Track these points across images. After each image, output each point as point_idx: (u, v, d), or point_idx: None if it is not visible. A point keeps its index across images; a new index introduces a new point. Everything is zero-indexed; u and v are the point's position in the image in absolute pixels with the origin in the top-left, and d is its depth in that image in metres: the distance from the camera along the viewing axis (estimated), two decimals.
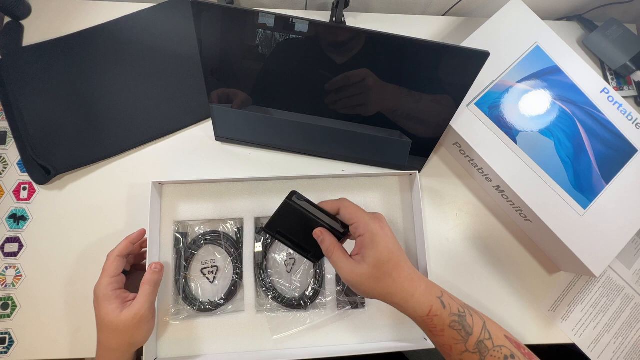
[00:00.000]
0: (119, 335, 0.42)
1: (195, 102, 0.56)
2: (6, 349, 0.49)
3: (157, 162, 0.55)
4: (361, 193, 0.56)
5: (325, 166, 0.57)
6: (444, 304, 0.38)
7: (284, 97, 0.49)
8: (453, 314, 0.38)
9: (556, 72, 0.53)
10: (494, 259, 0.56)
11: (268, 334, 0.51)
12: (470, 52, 0.42)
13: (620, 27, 0.62)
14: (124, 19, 0.58)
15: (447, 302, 0.38)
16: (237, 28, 0.42)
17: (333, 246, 0.40)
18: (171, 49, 0.58)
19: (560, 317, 0.55)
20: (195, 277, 0.52)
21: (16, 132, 0.53)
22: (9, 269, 0.51)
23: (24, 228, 0.52)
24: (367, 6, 0.63)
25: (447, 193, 0.58)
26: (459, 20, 0.63)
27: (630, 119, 0.53)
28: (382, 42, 0.42)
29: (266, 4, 0.62)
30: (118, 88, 0.56)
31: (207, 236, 0.52)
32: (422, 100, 0.47)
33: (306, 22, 0.40)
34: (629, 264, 0.57)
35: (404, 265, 0.39)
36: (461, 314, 0.38)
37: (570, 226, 0.49)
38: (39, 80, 0.55)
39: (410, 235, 0.55)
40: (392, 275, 0.38)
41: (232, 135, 0.55)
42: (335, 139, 0.53)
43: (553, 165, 0.51)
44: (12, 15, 0.56)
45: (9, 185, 0.53)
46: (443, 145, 0.59)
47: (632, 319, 0.56)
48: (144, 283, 0.44)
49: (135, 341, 0.43)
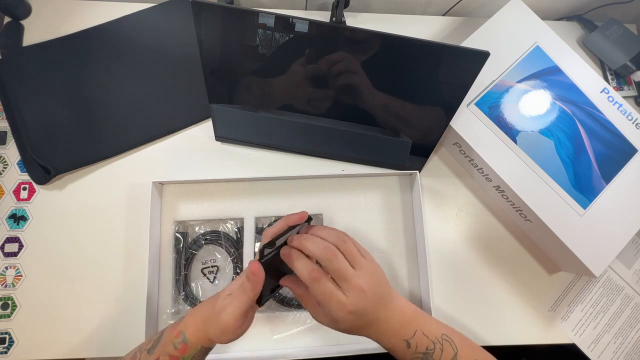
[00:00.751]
0: (203, 325, 0.38)
1: (195, 102, 0.56)
2: (6, 349, 0.49)
3: (157, 162, 0.55)
4: (361, 193, 0.56)
5: (325, 166, 0.57)
6: (410, 344, 0.38)
7: (284, 97, 0.49)
8: (417, 353, 0.38)
9: (556, 72, 0.53)
10: (494, 259, 0.56)
11: (268, 334, 0.51)
12: (470, 52, 0.42)
13: (620, 27, 0.62)
14: (124, 19, 0.58)
15: (414, 342, 0.38)
16: (237, 28, 0.42)
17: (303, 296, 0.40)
18: (171, 49, 0.58)
19: (560, 317, 0.55)
20: (196, 277, 0.52)
21: (16, 132, 0.53)
22: (9, 269, 0.51)
23: (24, 228, 0.52)
24: (367, 6, 0.63)
25: (447, 193, 0.58)
26: (459, 20, 0.63)
27: (630, 119, 0.53)
28: (382, 42, 0.42)
29: (266, 4, 0.62)
30: (118, 88, 0.56)
31: (207, 236, 0.52)
32: (422, 100, 0.47)
33: (306, 22, 0.40)
34: (629, 264, 0.57)
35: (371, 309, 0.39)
36: (428, 352, 0.38)
37: (570, 226, 0.49)
38: (39, 80, 0.55)
39: (410, 235, 0.55)
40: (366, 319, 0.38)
41: (232, 135, 0.55)
42: (335, 139, 0.53)
43: (553, 165, 0.51)
44: (12, 15, 0.56)
45: (9, 185, 0.53)
46: (443, 145, 0.59)
47: (632, 319, 0.56)
48: (235, 290, 0.37)
49: (215, 339, 0.38)
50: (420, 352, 0.38)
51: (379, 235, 0.55)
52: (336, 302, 0.36)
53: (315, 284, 0.36)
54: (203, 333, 0.37)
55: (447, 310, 0.53)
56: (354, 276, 0.36)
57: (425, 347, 0.38)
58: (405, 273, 0.54)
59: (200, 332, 0.38)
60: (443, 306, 0.53)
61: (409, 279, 0.54)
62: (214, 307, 0.37)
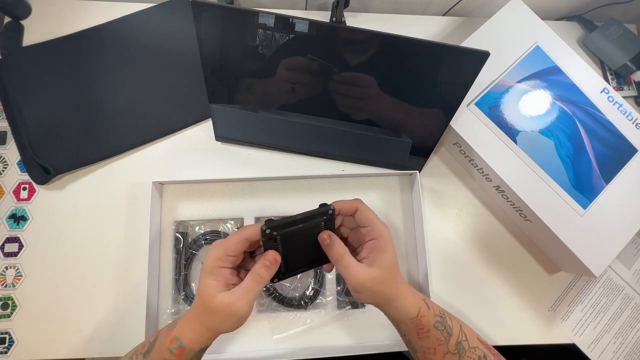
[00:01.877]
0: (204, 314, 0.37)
1: (195, 102, 0.56)
2: (6, 349, 0.49)
3: (157, 162, 0.55)
4: (361, 193, 0.56)
5: (325, 166, 0.57)
6: (428, 305, 0.40)
7: (285, 97, 0.49)
8: (436, 315, 0.39)
9: (556, 72, 0.53)
10: (493, 259, 0.56)
11: (268, 334, 0.51)
12: (470, 52, 0.42)
13: (620, 27, 0.62)
14: (124, 18, 0.58)
15: (430, 304, 0.40)
16: (237, 28, 0.42)
17: (343, 250, 0.39)
18: (171, 49, 0.58)
19: (560, 317, 0.55)
20: (196, 277, 0.52)
21: (16, 132, 0.53)
22: (9, 269, 0.51)
23: (24, 228, 0.52)
24: (367, 6, 0.63)
25: (447, 193, 0.58)
26: (459, 20, 0.63)
27: (630, 119, 0.53)
28: (381, 42, 0.42)
29: (266, 4, 0.62)
30: (118, 88, 0.56)
31: (207, 236, 0.52)
32: (422, 100, 0.47)
33: (306, 22, 0.40)
34: (629, 264, 0.57)
35: (399, 270, 0.40)
36: (442, 315, 0.40)
37: (570, 226, 0.49)
38: (39, 80, 0.55)
39: (410, 235, 0.55)
40: (396, 278, 0.39)
41: (232, 135, 0.55)
42: (335, 139, 0.53)
43: (553, 165, 0.51)
44: (12, 15, 0.56)
45: (9, 185, 0.53)
46: (443, 145, 0.59)
47: (632, 319, 0.56)
48: (251, 275, 0.37)
49: (218, 328, 0.37)
50: (437, 314, 0.40)
51: None
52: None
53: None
54: (203, 334, 0.37)
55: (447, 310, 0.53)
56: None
57: (438, 310, 0.40)
58: (405, 273, 0.54)
59: (198, 334, 0.37)
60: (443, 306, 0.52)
61: (409, 278, 0.54)
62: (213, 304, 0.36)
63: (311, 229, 0.39)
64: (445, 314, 0.40)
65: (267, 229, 0.36)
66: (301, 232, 0.38)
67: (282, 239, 0.37)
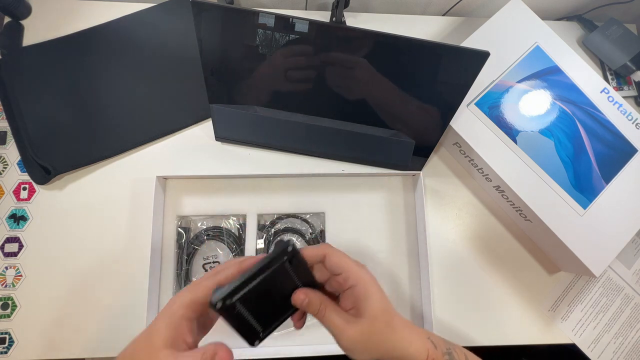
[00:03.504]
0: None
1: (195, 102, 0.56)
2: (6, 349, 0.49)
3: (157, 162, 0.55)
4: (363, 192, 0.57)
5: (326, 166, 0.57)
6: (435, 344, 0.35)
7: (285, 97, 0.49)
8: (445, 354, 0.35)
9: (556, 72, 0.53)
10: (494, 259, 0.56)
11: None
12: (470, 52, 0.42)
13: (620, 27, 0.62)
14: (124, 19, 0.58)
15: (435, 342, 0.36)
16: (237, 28, 0.42)
17: (325, 303, 0.34)
18: (171, 49, 0.58)
19: (560, 317, 0.55)
20: (197, 273, 0.52)
21: (16, 132, 0.53)
22: (9, 269, 0.51)
23: (24, 228, 0.52)
24: (367, 6, 0.63)
25: (447, 193, 0.58)
26: (459, 20, 0.63)
27: (630, 119, 0.53)
28: (381, 41, 0.42)
29: (266, 4, 0.62)
30: (118, 88, 0.56)
31: (209, 232, 0.53)
32: (422, 100, 0.47)
33: (306, 22, 0.40)
34: (629, 264, 0.57)
35: (394, 311, 0.35)
36: (450, 352, 0.36)
37: (570, 226, 0.49)
38: (39, 80, 0.55)
39: (411, 235, 0.55)
40: (392, 324, 0.34)
41: (232, 136, 0.55)
42: (336, 139, 0.53)
43: (553, 165, 0.51)
44: (12, 15, 0.56)
45: (9, 185, 0.53)
46: (443, 145, 0.59)
47: (632, 319, 0.56)
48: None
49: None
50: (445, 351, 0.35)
51: (380, 235, 0.55)
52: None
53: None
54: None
55: (447, 310, 0.53)
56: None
57: (444, 346, 0.36)
58: (406, 273, 0.54)
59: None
60: (443, 306, 0.53)
61: (409, 278, 0.54)
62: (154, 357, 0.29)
63: (275, 276, 0.32)
64: (451, 347, 0.37)
65: (216, 302, 0.29)
66: (264, 283, 0.32)
67: (242, 303, 0.31)
